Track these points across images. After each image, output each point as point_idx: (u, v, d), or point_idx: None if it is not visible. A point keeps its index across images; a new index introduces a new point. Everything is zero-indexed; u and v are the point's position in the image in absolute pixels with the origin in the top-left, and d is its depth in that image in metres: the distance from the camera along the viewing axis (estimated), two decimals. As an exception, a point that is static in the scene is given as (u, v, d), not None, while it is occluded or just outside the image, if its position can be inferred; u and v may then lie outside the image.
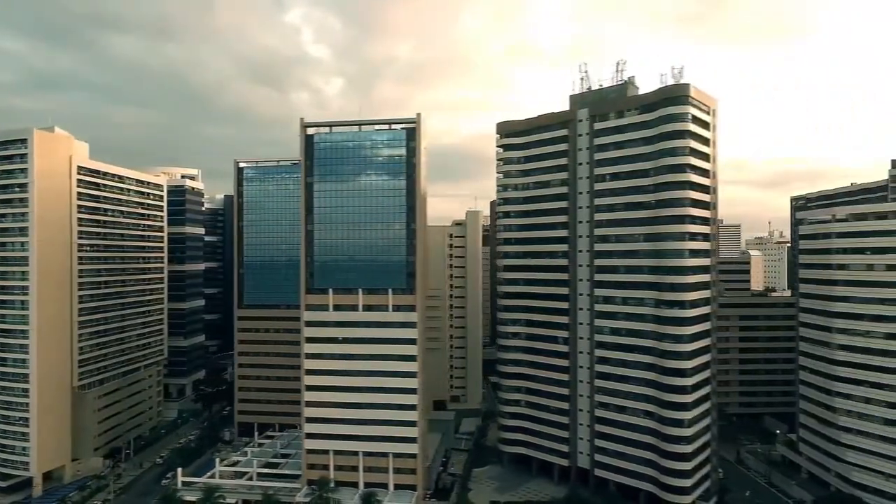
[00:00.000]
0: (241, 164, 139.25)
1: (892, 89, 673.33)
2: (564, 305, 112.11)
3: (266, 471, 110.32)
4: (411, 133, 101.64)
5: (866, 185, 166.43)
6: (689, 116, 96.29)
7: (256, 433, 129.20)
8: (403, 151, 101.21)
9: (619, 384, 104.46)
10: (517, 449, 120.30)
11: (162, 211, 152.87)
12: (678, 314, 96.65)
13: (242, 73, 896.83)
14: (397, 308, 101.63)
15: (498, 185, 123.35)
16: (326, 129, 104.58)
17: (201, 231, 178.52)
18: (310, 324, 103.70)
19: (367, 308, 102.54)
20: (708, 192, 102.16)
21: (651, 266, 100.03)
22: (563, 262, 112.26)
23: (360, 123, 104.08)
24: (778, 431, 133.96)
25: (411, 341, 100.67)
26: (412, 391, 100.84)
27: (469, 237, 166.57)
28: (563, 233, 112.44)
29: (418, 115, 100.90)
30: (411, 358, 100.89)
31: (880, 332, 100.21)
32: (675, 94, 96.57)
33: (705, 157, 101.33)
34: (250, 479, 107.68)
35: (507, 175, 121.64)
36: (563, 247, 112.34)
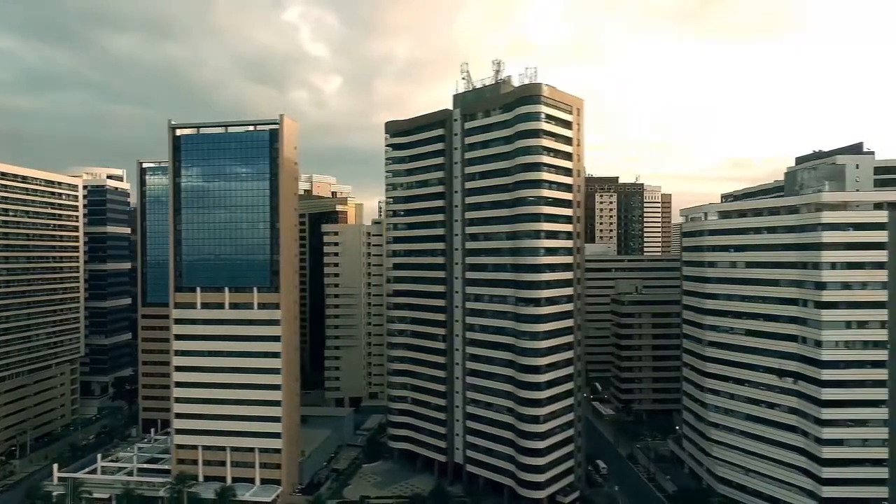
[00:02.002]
0: (145, 164, 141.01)
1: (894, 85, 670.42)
2: (442, 303, 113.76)
3: (146, 466, 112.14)
4: (275, 134, 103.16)
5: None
6: (543, 116, 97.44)
7: (153, 430, 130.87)
8: (267, 153, 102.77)
9: (486, 381, 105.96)
10: (404, 445, 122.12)
11: (77, 211, 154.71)
12: (533, 311, 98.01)
13: (241, 71, 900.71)
14: (263, 306, 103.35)
15: (386, 185, 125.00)
16: (194, 130, 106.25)
17: (126, 230, 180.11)
18: (179, 321, 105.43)
19: (234, 306, 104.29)
20: (570, 191, 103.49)
21: (512, 264, 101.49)
22: (441, 260, 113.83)
23: (226, 125, 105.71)
24: (677, 427, 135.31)
25: (275, 338, 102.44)
26: (276, 387, 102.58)
27: (386, 236, 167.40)
28: (440, 231, 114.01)
29: (281, 116, 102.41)
30: (275, 355, 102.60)
31: (742, 329, 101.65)
32: (527, 94, 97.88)
33: (567, 155, 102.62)
34: (130, 473, 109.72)
35: (396, 174, 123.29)
36: (441, 245, 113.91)
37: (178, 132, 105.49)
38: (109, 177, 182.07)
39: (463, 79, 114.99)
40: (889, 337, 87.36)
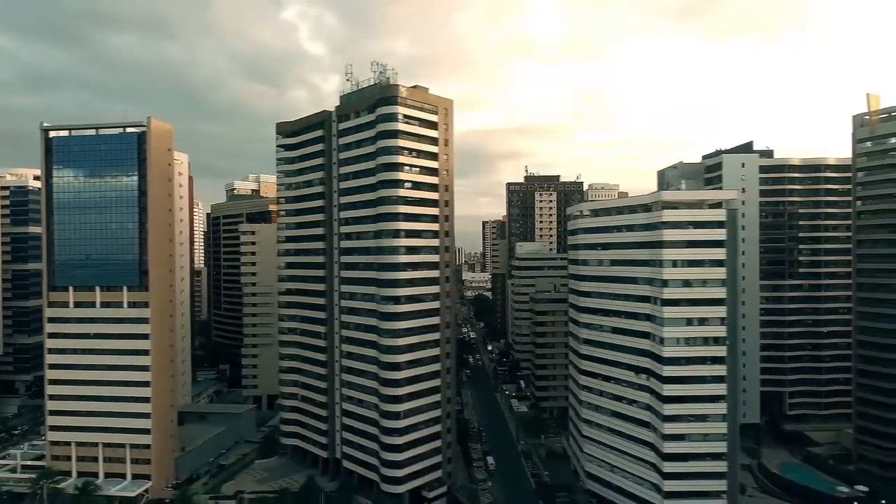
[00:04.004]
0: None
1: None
2: (323, 302, 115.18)
3: (30, 463, 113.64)
4: (143, 136, 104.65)
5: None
6: (400, 116, 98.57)
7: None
8: (135, 154, 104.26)
9: (358, 378, 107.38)
10: (294, 441, 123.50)
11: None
12: (393, 309, 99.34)
13: (239, 70, 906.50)
14: (133, 304, 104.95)
15: (277, 186, 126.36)
16: (66, 132, 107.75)
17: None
18: (52, 320, 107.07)
19: (105, 304, 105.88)
20: (436, 191, 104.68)
21: (377, 262, 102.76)
22: (322, 259, 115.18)
23: (97, 127, 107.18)
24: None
25: (144, 336, 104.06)
26: (145, 384, 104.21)
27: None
28: (322, 231, 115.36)
29: (148, 118, 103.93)
30: (144, 352, 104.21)
31: (609, 327, 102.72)
32: (385, 95, 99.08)
33: (432, 155, 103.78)
34: (13, 471, 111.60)
35: (287, 174, 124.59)
36: (323, 244, 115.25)
37: (52, 134, 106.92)
38: (36, 177, 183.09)
39: (347, 80, 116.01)
40: (728, 333, 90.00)
